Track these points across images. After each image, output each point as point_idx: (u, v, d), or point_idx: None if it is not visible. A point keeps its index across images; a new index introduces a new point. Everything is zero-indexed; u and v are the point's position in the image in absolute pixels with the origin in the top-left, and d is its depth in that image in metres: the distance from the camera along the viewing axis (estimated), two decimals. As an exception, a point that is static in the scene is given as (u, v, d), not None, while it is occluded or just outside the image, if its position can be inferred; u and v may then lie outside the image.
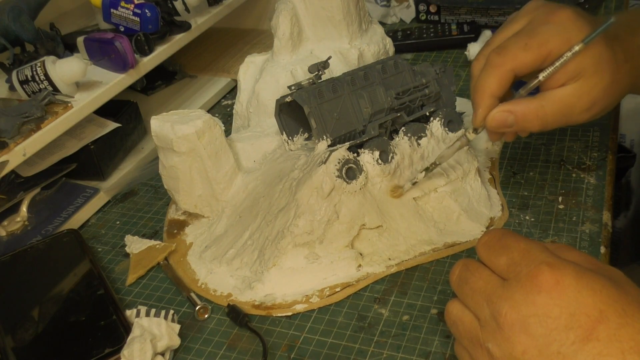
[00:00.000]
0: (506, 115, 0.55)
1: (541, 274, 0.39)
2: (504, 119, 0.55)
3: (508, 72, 0.54)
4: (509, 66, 0.54)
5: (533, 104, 0.54)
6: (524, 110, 0.54)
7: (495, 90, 0.55)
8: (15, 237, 0.71)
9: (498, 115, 0.55)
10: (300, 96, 0.59)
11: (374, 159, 0.60)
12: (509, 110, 0.55)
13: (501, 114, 0.55)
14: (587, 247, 0.58)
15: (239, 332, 0.56)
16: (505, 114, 0.55)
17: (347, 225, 0.58)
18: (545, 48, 0.52)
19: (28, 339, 0.55)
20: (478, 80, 0.55)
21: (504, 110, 0.55)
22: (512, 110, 0.55)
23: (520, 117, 0.54)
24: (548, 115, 0.54)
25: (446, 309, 0.46)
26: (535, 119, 0.54)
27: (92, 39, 0.78)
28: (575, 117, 0.55)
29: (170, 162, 0.65)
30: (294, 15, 0.72)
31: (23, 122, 0.66)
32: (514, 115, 0.54)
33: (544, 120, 0.54)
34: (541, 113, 0.54)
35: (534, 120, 0.54)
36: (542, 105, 0.54)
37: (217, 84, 0.99)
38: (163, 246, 0.66)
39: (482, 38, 0.90)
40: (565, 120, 0.55)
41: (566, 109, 0.54)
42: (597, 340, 0.37)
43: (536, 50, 0.53)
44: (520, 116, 0.54)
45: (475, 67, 0.57)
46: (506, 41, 0.55)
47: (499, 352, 0.40)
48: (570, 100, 0.54)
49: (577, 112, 0.55)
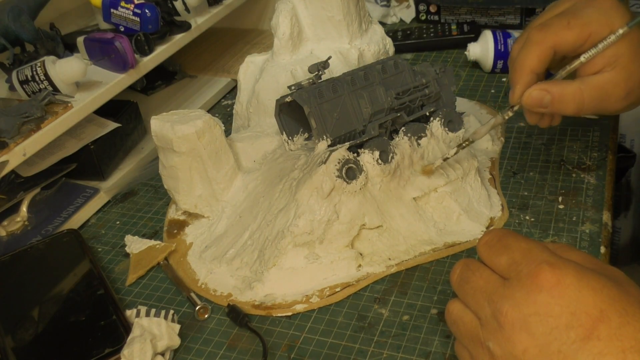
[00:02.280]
0: (543, 94, 0.54)
1: (542, 273, 0.39)
2: (541, 97, 0.54)
3: (549, 49, 0.54)
4: (550, 43, 0.53)
5: (571, 86, 0.54)
6: (561, 91, 0.54)
7: (536, 66, 0.54)
8: (15, 237, 0.71)
9: (535, 94, 0.54)
10: (300, 96, 0.59)
11: (374, 159, 0.60)
12: (546, 90, 0.54)
13: (539, 92, 0.54)
14: (587, 247, 0.58)
15: (239, 332, 0.56)
16: (542, 92, 0.54)
17: (347, 225, 0.58)
18: (587, 29, 0.53)
19: (28, 339, 0.55)
20: (518, 56, 0.55)
21: (541, 88, 0.54)
22: (549, 90, 0.54)
23: (557, 97, 0.54)
24: (585, 100, 0.54)
25: (447, 309, 0.46)
26: (572, 101, 0.54)
27: (92, 39, 0.78)
28: (611, 105, 0.55)
29: (170, 162, 0.65)
30: (294, 15, 0.72)
31: (23, 122, 0.66)
32: (551, 96, 0.54)
33: (580, 104, 0.54)
34: (578, 96, 0.54)
35: (571, 103, 0.54)
36: (581, 88, 0.54)
37: (217, 84, 0.99)
38: (163, 246, 0.66)
39: (482, 38, 0.90)
40: (601, 107, 0.55)
41: (603, 95, 0.54)
42: (598, 339, 0.37)
43: (578, 30, 0.53)
44: (557, 97, 0.54)
45: (515, 47, 0.57)
46: (549, 19, 0.55)
47: (500, 351, 0.40)
48: (607, 87, 0.54)
49: (613, 100, 0.54)
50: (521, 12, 0.99)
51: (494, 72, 0.89)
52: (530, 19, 0.98)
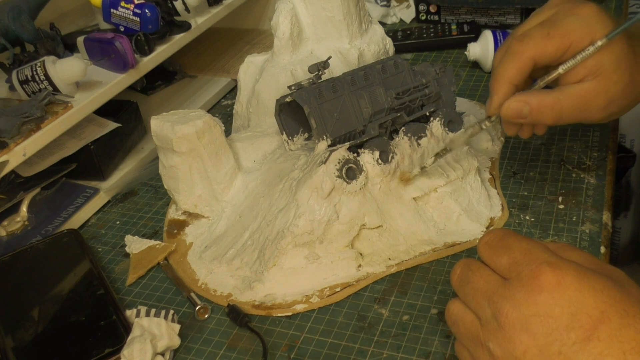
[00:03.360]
0: (522, 105, 0.54)
1: (543, 273, 0.39)
2: (519, 108, 0.54)
3: (528, 60, 0.53)
4: (530, 54, 0.53)
5: (550, 96, 0.54)
6: (539, 102, 0.54)
7: (514, 77, 0.54)
8: (15, 237, 0.71)
9: (513, 105, 0.54)
10: (300, 96, 0.59)
11: (374, 159, 0.60)
12: (524, 101, 0.54)
13: (517, 103, 0.54)
14: (587, 247, 0.58)
15: (239, 332, 0.56)
16: (520, 104, 0.54)
17: (347, 225, 0.58)
18: (567, 39, 0.52)
19: (28, 339, 0.55)
20: (497, 66, 0.55)
21: (519, 100, 0.54)
22: (527, 101, 0.54)
23: (536, 108, 0.54)
24: (564, 110, 0.54)
25: (447, 309, 0.45)
26: (551, 112, 0.54)
27: (92, 39, 0.78)
28: (592, 115, 0.55)
29: (170, 162, 0.65)
30: (294, 15, 0.72)
31: (23, 122, 0.66)
32: (529, 106, 0.54)
33: (559, 114, 0.54)
34: (557, 107, 0.54)
35: (549, 113, 0.54)
36: (559, 98, 0.53)
37: (217, 84, 0.99)
38: (163, 246, 0.66)
39: (482, 38, 0.90)
40: (581, 116, 0.55)
41: (583, 105, 0.54)
42: (599, 341, 0.37)
43: (558, 40, 0.52)
44: (536, 108, 0.54)
45: (497, 55, 0.57)
46: (529, 30, 0.54)
47: (500, 352, 0.40)
48: (587, 97, 0.53)
49: (593, 110, 0.54)
50: (521, 12, 0.99)
51: (494, 72, 0.89)
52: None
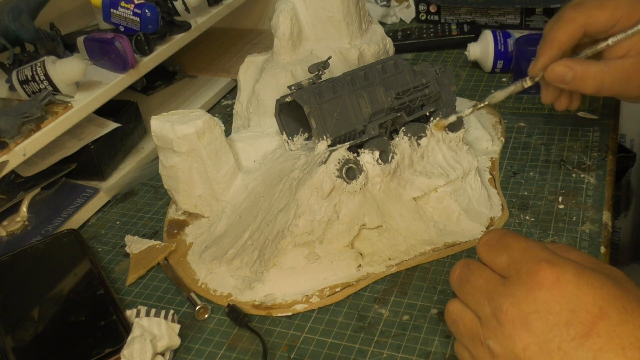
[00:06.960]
0: (567, 70, 0.55)
1: (541, 270, 0.39)
2: (563, 73, 0.56)
3: (580, 27, 0.55)
4: (581, 21, 0.55)
5: (594, 66, 0.55)
6: (584, 70, 0.55)
7: (564, 43, 0.55)
8: (15, 237, 0.71)
9: (559, 69, 0.56)
10: (300, 96, 0.59)
11: (374, 159, 0.60)
12: (569, 66, 0.55)
13: (562, 67, 0.56)
14: (587, 247, 0.58)
15: (239, 332, 0.56)
16: (566, 68, 0.55)
17: (347, 225, 0.58)
18: (619, 11, 0.54)
19: (28, 339, 0.55)
20: (549, 31, 0.56)
21: (565, 64, 0.56)
22: (572, 67, 0.55)
23: (579, 75, 0.55)
24: (606, 81, 0.55)
25: (446, 308, 0.45)
26: (593, 81, 0.55)
27: (92, 39, 0.78)
28: (630, 91, 0.56)
29: (170, 162, 0.65)
30: (294, 15, 0.72)
31: (23, 122, 0.66)
32: (574, 73, 0.55)
33: (600, 84, 0.55)
34: (600, 77, 0.55)
35: (591, 82, 0.55)
36: (603, 69, 0.55)
37: (217, 84, 0.99)
38: (163, 246, 0.66)
39: (482, 38, 0.90)
40: (621, 90, 0.56)
41: (625, 79, 0.55)
42: (598, 336, 0.37)
43: (611, 11, 0.54)
44: (580, 75, 0.55)
45: (549, 23, 0.58)
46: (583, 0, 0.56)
47: (500, 349, 0.40)
48: (630, 71, 0.55)
49: (632, 85, 0.56)
50: (521, 12, 0.99)
51: (494, 72, 0.89)
52: (531, 19, 0.98)
